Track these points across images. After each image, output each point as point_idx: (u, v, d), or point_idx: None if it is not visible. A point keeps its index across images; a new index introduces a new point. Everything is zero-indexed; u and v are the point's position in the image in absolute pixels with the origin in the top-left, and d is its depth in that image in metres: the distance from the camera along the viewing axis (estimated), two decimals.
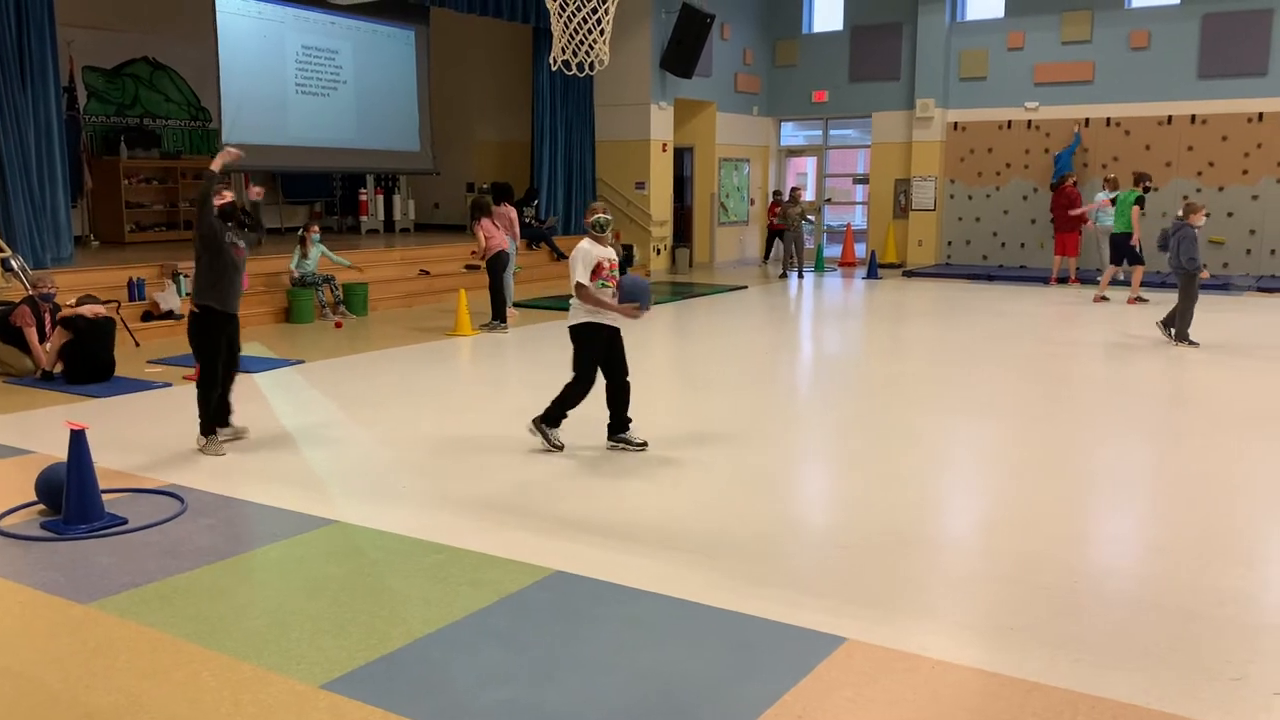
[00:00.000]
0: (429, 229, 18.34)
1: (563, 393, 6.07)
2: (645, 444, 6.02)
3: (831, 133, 20.23)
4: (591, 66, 7.45)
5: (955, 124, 18.14)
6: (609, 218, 6.15)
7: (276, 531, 4.73)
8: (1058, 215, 15.46)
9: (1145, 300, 12.93)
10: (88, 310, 8.20)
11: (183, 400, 7.57)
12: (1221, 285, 14.81)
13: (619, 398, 6.11)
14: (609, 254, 6.11)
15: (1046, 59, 17.24)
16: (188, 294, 10.94)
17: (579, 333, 6.08)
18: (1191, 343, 9.80)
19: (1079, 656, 3.44)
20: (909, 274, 17.22)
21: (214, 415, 6.16)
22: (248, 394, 7.77)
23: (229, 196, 6.20)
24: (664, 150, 17.30)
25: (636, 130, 16.99)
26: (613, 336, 6.10)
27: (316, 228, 11.93)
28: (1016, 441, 6.48)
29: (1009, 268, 17.52)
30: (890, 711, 3.11)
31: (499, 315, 11.00)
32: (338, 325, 11.28)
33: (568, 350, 6.17)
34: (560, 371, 8.67)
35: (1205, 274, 9.96)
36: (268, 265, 12.20)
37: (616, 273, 6.12)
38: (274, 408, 7.33)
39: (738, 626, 3.70)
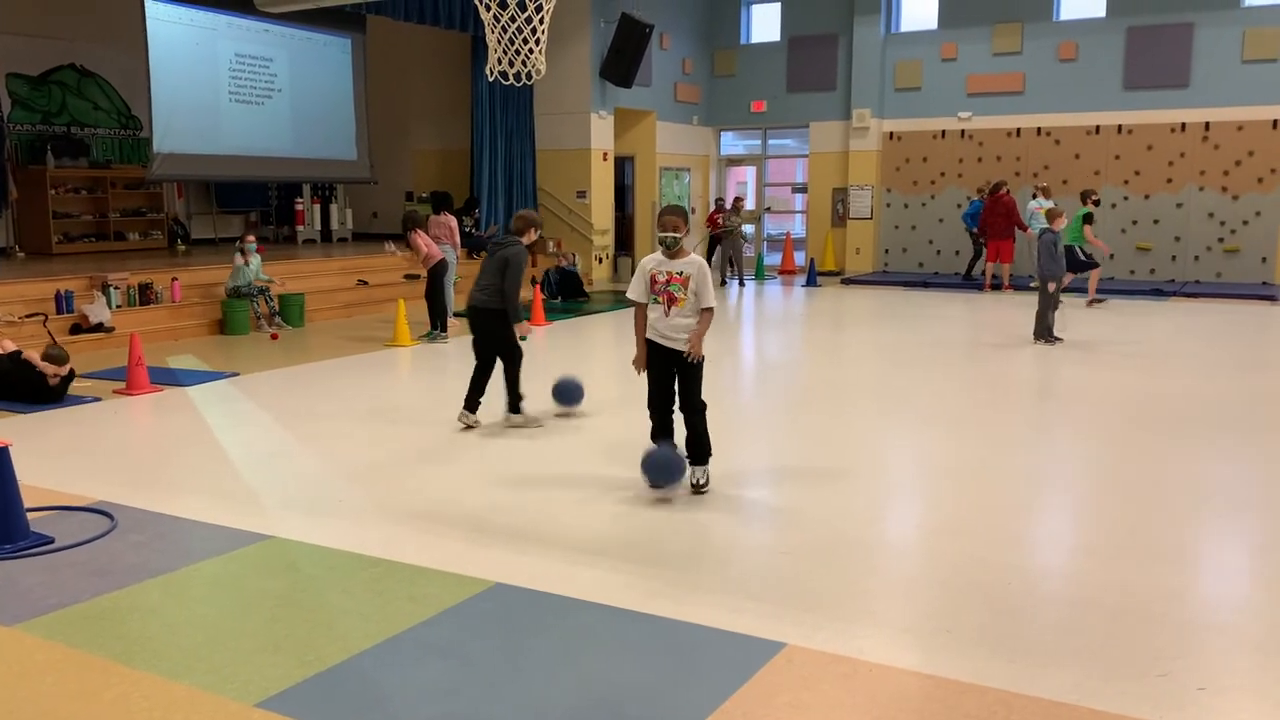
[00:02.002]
0: (367, 239, 18.15)
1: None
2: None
3: (770, 142, 20.42)
4: (529, 76, 7.42)
5: (891, 134, 18.43)
6: (672, 234, 5.30)
7: (210, 548, 4.64)
8: (992, 223, 15.78)
9: (1103, 300, 13.91)
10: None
11: (112, 415, 7.41)
12: (1152, 291, 15.22)
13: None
14: (669, 265, 5.31)
15: (978, 70, 17.60)
16: (118, 305, 10.71)
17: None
18: (1050, 340, 10.35)
19: (1013, 657, 3.50)
20: (847, 281, 17.43)
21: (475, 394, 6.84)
22: (179, 407, 7.63)
23: None
24: (605, 159, 17.33)
25: (577, 139, 17.00)
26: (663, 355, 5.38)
27: (252, 237, 11.72)
28: (953, 445, 6.58)
29: (944, 275, 17.82)
30: (829, 715, 3.13)
31: (439, 324, 10.94)
32: (274, 337, 11.11)
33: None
34: (498, 382, 8.61)
35: (1053, 286, 10.36)
36: (201, 276, 11.98)
37: (676, 289, 5.27)
38: (208, 421, 7.19)
39: (679, 634, 3.71)
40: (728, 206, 17.32)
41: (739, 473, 6.08)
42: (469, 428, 6.83)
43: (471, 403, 6.88)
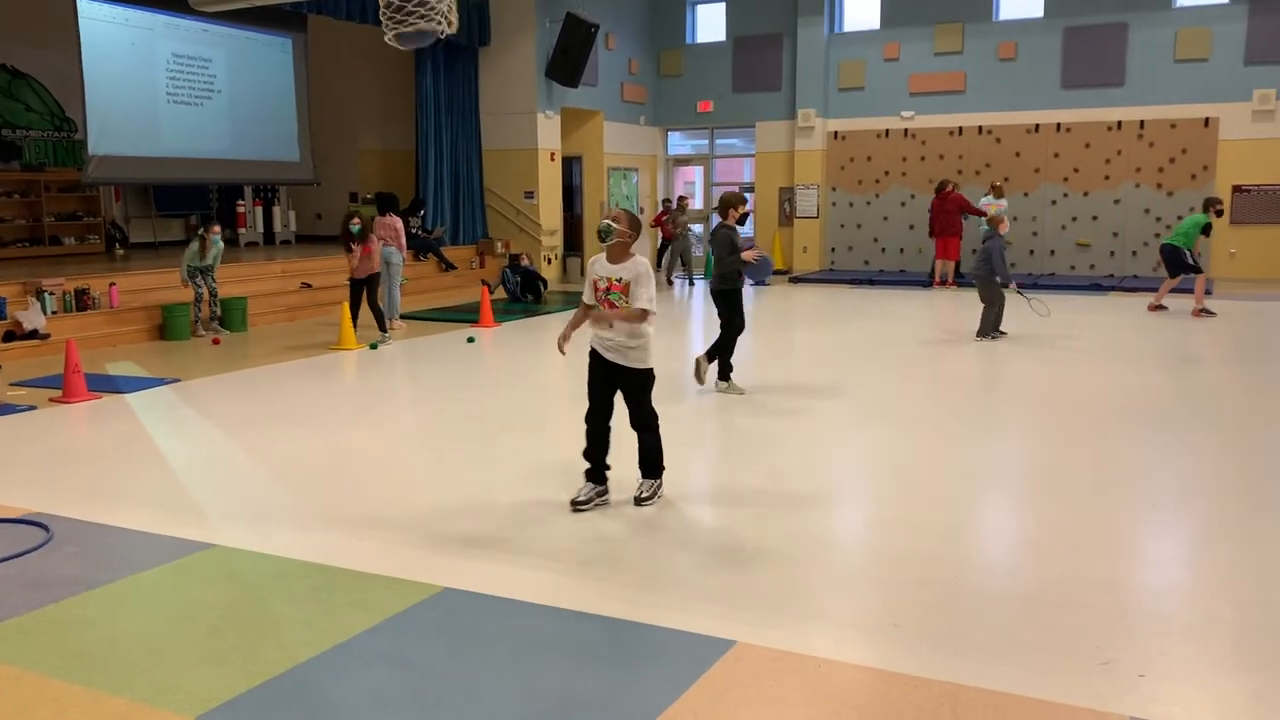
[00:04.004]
0: (311, 241, 17.92)
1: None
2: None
3: (718, 142, 20.50)
4: (440, 29, 6.99)
5: (835, 133, 18.59)
6: (607, 222, 5.03)
7: (150, 558, 4.54)
8: (940, 222, 15.97)
9: (1213, 313, 12.26)
10: None
11: (48, 424, 7.23)
12: (1091, 286, 15.51)
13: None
14: (609, 271, 5.06)
15: (921, 69, 17.82)
16: (53, 311, 10.46)
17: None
18: (995, 335, 10.59)
19: (959, 650, 3.54)
20: (795, 280, 17.56)
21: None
22: (118, 415, 7.47)
23: None
24: (552, 159, 17.27)
25: (523, 139, 16.92)
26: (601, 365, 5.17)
27: (218, 227, 11.36)
28: (898, 441, 6.65)
29: (889, 272, 18.02)
30: (779, 711, 3.14)
31: (382, 326, 10.90)
32: (215, 342, 10.92)
33: (454, 364, 6.09)
34: (445, 386, 8.57)
35: (1012, 287, 10.58)
36: (140, 281, 11.75)
37: (616, 296, 5.01)
38: (148, 429, 7.04)
39: (629, 635, 3.70)
40: (674, 207, 17.35)
41: (687, 473, 6.09)
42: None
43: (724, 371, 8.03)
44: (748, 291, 16.19)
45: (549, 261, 17.34)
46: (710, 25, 19.61)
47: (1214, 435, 6.67)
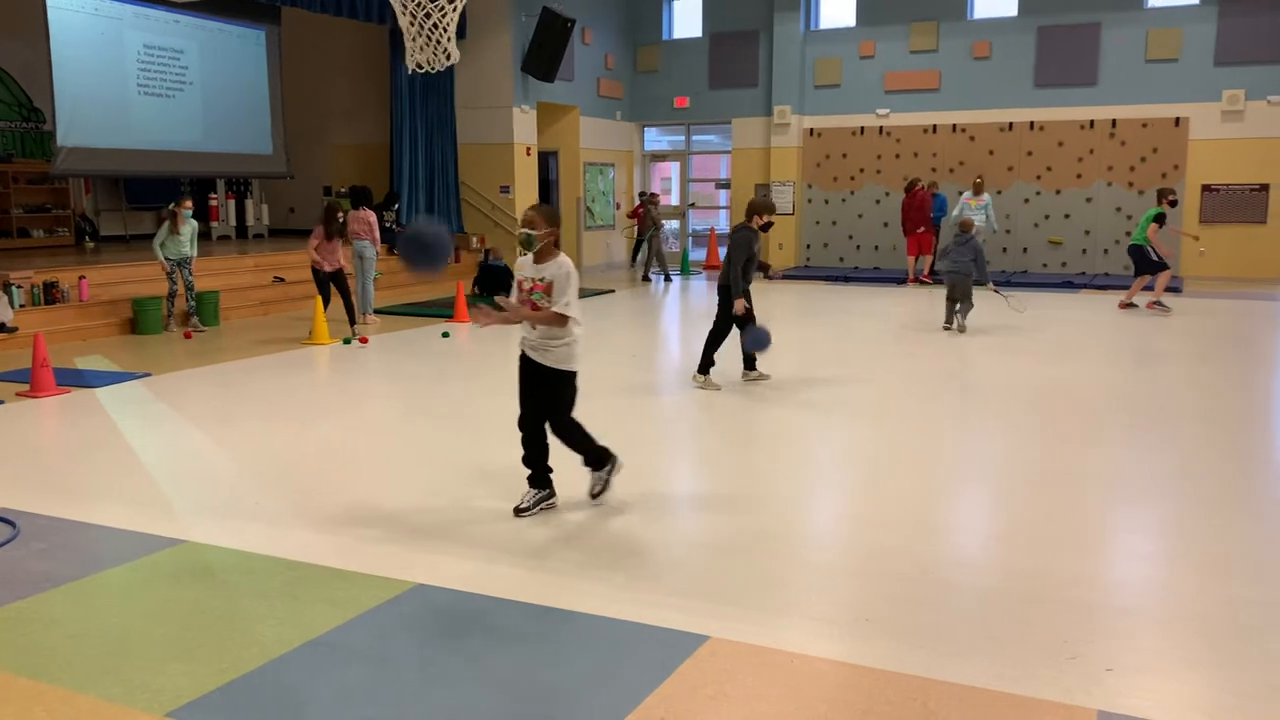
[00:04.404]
0: (284, 234, 17.79)
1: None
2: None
3: (694, 138, 20.50)
4: (443, 65, 7.23)
5: (811, 130, 18.64)
6: (525, 232, 4.81)
7: (119, 554, 4.49)
8: (909, 219, 16.09)
9: (1167, 308, 12.49)
10: None
11: (15, 418, 7.14)
12: (1064, 283, 15.64)
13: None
14: (532, 271, 4.86)
15: (896, 67, 17.89)
16: (21, 305, 10.33)
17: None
18: (948, 328, 11.07)
19: (930, 644, 3.56)
20: (771, 277, 17.56)
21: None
22: (87, 409, 7.39)
23: None
24: (528, 154, 17.22)
25: (499, 133, 16.86)
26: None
27: (190, 202, 11.04)
28: (870, 436, 6.68)
29: (864, 269, 18.10)
30: (751, 707, 3.16)
31: (352, 321, 10.88)
32: (187, 336, 10.81)
33: (428, 359, 6.05)
34: (420, 381, 8.54)
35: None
36: (111, 274, 11.62)
37: (539, 296, 4.82)
38: (118, 424, 6.97)
39: (603, 631, 3.70)
40: (649, 201, 17.32)
41: (660, 469, 6.10)
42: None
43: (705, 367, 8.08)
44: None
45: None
46: (687, 21, 19.61)
47: (1183, 431, 6.75)
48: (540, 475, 5.03)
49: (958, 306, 10.99)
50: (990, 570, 4.33)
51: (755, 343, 7.83)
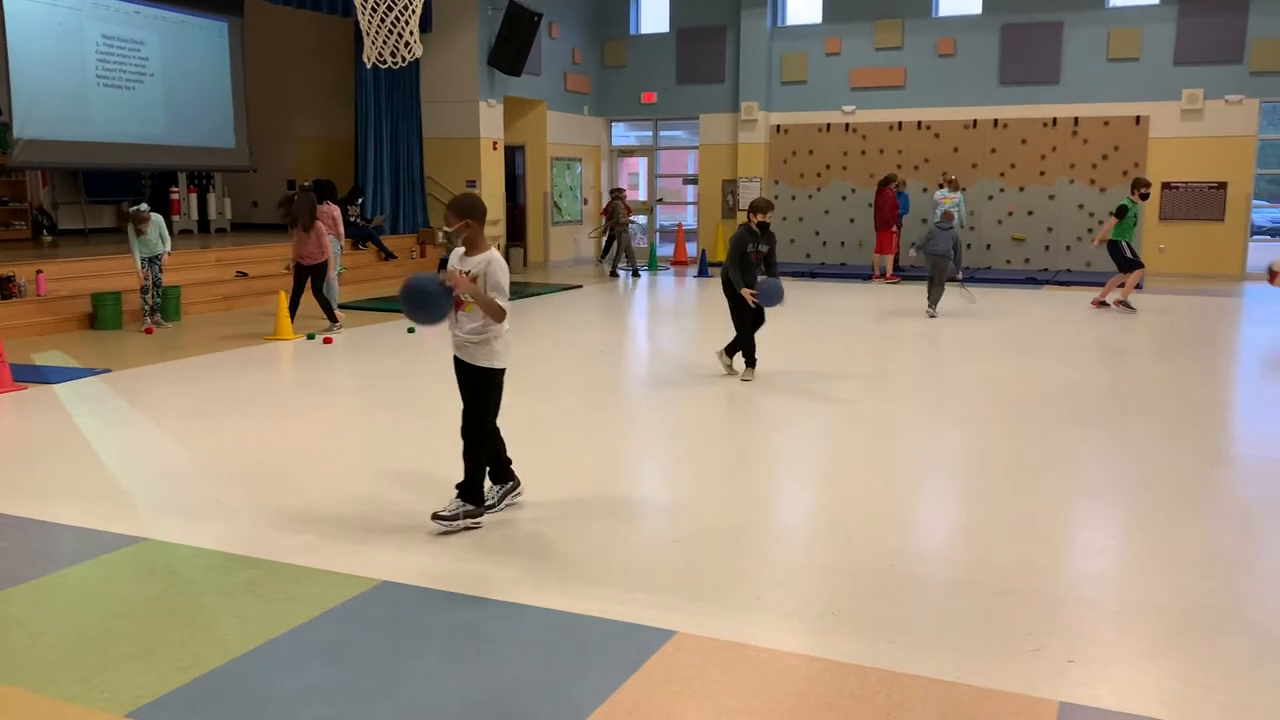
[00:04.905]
0: (247, 229, 17.60)
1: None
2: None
3: (661, 134, 20.50)
4: (404, 60, 7.15)
5: (778, 126, 18.70)
6: (445, 230, 4.87)
7: (78, 553, 4.43)
8: (878, 217, 16.15)
9: (1132, 308, 12.36)
10: None
11: None
12: (1027, 279, 15.81)
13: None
14: (459, 265, 4.68)
15: (862, 64, 17.99)
16: None
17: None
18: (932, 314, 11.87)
19: (895, 637, 3.59)
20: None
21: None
22: (45, 406, 7.27)
23: None
24: (495, 148, 17.14)
25: (465, 127, 16.77)
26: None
27: (145, 208, 10.60)
28: (834, 430, 6.72)
29: (831, 265, 18.19)
30: (718, 702, 3.16)
31: (331, 317, 10.75)
32: (148, 331, 10.66)
33: (393, 355, 6.01)
34: (384, 377, 8.48)
35: (960, 276, 12.14)
36: (70, 269, 11.44)
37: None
38: (77, 421, 6.86)
39: (568, 626, 3.69)
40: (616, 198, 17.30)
41: (626, 465, 6.10)
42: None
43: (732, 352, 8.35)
44: (689, 282, 16.28)
45: None
46: (654, 16, 19.60)
47: (1142, 426, 6.84)
48: (501, 470, 4.96)
49: (931, 291, 11.84)
50: (955, 564, 4.37)
51: (769, 297, 8.00)
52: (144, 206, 10.60)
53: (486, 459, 4.79)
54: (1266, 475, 5.76)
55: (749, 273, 7.97)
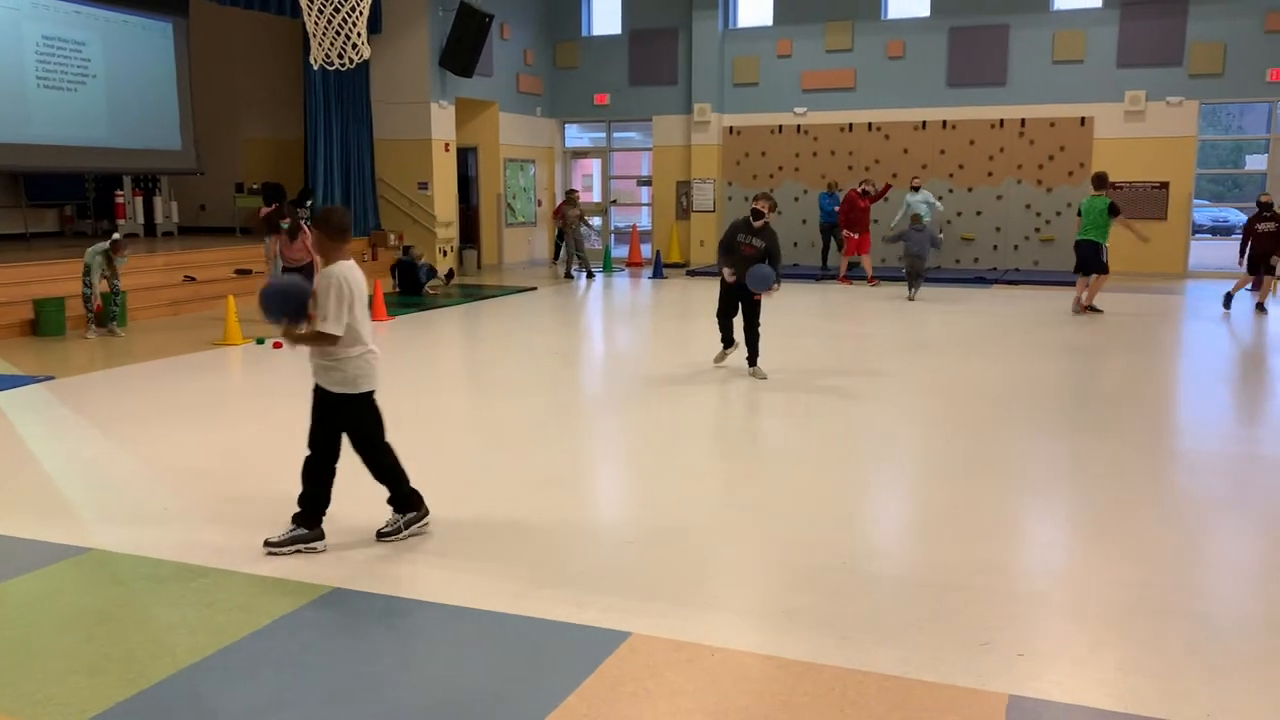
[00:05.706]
0: (195, 232, 17.32)
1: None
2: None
3: (615, 135, 20.50)
4: (352, 61, 7.07)
5: (731, 128, 18.78)
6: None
7: (20, 564, 4.33)
8: (844, 220, 16.15)
9: (1099, 311, 12.27)
10: None
11: None
12: (976, 279, 16.02)
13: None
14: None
15: (812, 66, 18.12)
16: None
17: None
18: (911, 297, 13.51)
19: (848, 635, 3.62)
20: (692, 273, 17.69)
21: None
22: None
23: None
24: (447, 150, 17.03)
25: (417, 129, 16.64)
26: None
27: (121, 243, 10.74)
28: (785, 430, 6.76)
29: (784, 266, 18.25)
30: (673, 702, 3.17)
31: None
32: (85, 336, 10.42)
33: None
34: None
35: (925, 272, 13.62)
36: (10, 274, 11.18)
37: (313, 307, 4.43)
38: (18, 429, 6.71)
39: (523, 630, 3.68)
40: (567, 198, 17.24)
41: (579, 462, 6.09)
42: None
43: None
44: (644, 283, 16.30)
45: (444, 254, 17.10)
46: (606, 17, 19.59)
47: (1086, 422, 6.96)
48: (310, 513, 4.47)
49: (912, 282, 13.67)
50: (906, 561, 4.42)
51: (757, 281, 8.21)
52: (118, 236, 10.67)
53: (395, 464, 4.63)
54: (1210, 469, 5.89)
55: (730, 255, 8.47)
